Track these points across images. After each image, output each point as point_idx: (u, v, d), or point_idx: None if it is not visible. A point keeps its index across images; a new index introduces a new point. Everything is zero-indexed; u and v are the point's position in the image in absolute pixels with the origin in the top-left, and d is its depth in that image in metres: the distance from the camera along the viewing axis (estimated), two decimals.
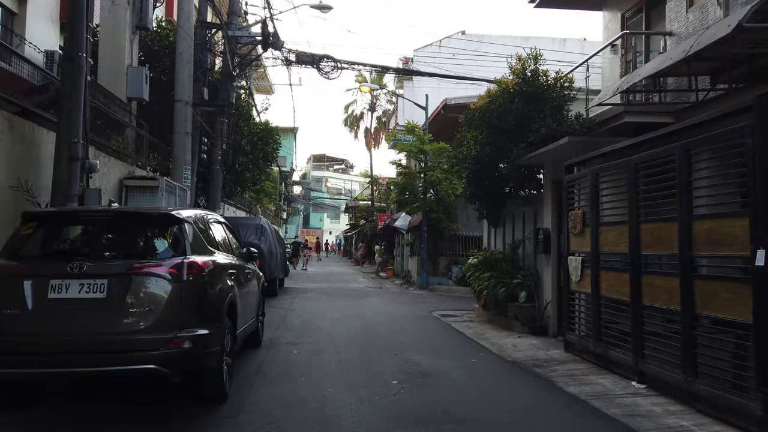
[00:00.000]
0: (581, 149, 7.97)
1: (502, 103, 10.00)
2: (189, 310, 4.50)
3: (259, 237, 14.33)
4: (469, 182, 11.23)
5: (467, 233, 19.61)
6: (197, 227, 5.19)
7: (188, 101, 12.03)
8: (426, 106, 19.06)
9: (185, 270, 4.50)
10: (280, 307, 12.81)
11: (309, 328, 9.87)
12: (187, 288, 4.50)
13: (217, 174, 12.73)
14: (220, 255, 5.61)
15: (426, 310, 13.21)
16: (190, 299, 4.53)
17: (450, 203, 18.58)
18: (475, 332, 9.88)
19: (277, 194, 40.55)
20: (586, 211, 7.32)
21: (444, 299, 16.30)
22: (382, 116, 37.99)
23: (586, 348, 7.26)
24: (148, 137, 11.88)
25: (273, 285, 14.80)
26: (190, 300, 4.53)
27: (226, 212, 20.56)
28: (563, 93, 9.92)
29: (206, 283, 4.73)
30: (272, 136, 16.01)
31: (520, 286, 9.60)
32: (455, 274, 18.90)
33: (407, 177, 19.27)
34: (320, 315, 11.67)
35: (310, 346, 8.04)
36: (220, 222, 6.41)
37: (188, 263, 4.56)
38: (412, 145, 18.40)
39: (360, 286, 20.07)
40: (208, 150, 13.27)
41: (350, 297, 15.88)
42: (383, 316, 11.95)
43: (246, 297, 6.46)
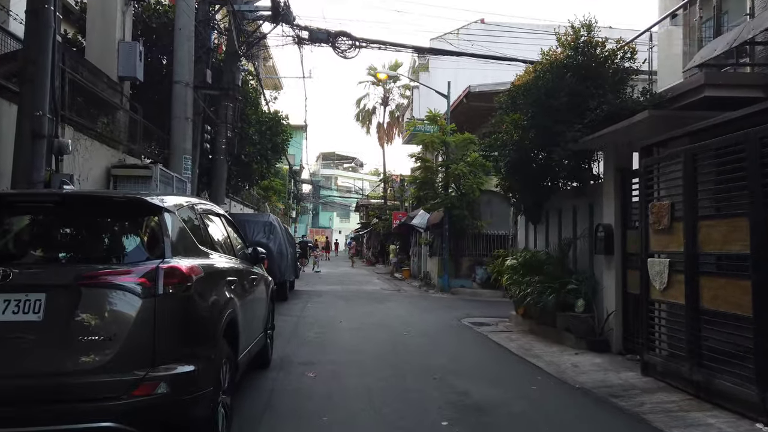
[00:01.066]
0: (662, 127, 6.50)
1: (550, 79, 8.53)
2: (167, 336, 3.11)
3: (267, 235, 12.96)
4: (508, 172, 9.76)
5: (491, 231, 18.16)
6: (184, 220, 3.80)
7: (188, 82, 10.68)
8: (448, 94, 17.61)
9: (162, 279, 3.12)
10: (291, 314, 11.42)
11: (326, 341, 8.47)
12: (165, 304, 3.12)
13: (221, 165, 11.37)
14: (216, 257, 4.22)
15: (455, 318, 11.78)
16: (170, 321, 3.14)
17: (474, 199, 17.11)
18: (519, 346, 8.44)
19: (287, 192, 39.26)
20: (677, 201, 5.85)
21: (470, 304, 14.85)
22: (395, 111, 36.52)
23: (676, 373, 5.80)
24: (143, 123, 10.53)
25: (283, 289, 13.43)
26: (170, 322, 3.14)
27: (233, 209, 19.22)
28: (623, 65, 8.45)
29: (194, 296, 3.33)
30: (282, 126, 14.64)
31: (576, 293, 8.13)
32: (479, 276, 17.45)
33: (427, 171, 17.82)
34: (337, 324, 10.26)
35: (330, 367, 6.63)
36: (218, 215, 5.01)
37: (167, 269, 3.17)
38: (434, 135, 16.93)
39: (376, 289, 18.66)
40: (211, 139, 11.92)
41: (368, 301, 14.47)
42: (409, 325, 10.52)
43: (251, 309, 5.07)
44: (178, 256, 3.41)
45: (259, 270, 5.96)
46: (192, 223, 3.98)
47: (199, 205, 4.36)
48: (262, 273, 6.10)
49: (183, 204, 3.96)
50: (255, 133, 13.56)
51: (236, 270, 4.63)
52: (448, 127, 16.97)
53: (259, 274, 5.89)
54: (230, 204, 19.33)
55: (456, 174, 16.55)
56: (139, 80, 10.10)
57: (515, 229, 18.50)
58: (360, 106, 38.26)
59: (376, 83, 37.25)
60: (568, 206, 9.36)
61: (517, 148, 9.21)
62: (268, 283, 6.42)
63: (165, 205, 3.57)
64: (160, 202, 3.55)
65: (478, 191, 16.80)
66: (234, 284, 4.29)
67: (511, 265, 10.29)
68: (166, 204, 3.59)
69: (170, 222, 3.51)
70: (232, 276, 4.32)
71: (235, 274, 4.46)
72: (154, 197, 3.63)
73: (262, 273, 6.16)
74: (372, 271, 30.37)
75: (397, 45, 12.33)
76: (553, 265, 9.14)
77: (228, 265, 4.42)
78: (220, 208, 5.21)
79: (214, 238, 4.52)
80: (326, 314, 11.58)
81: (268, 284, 6.40)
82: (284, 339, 8.25)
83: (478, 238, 18.16)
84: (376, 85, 37.44)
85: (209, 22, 11.89)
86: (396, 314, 12.10)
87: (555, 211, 9.90)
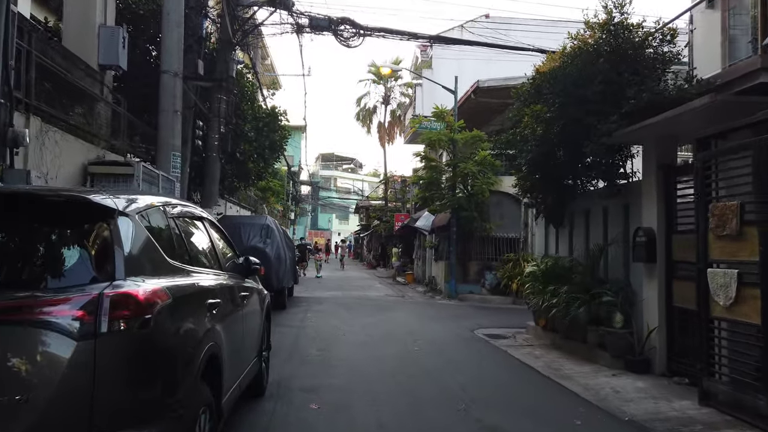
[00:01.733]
0: (719, 116, 5.60)
1: (580, 66, 7.63)
2: (114, 393, 2.20)
3: (264, 239, 12.03)
4: (529, 170, 8.84)
5: (501, 234, 17.24)
6: (151, 226, 2.88)
7: (177, 72, 9.73)
8: (455, 89, 16.69)
9: (107, 311, 2.20)
10: (289, 324, 10.48)
11: (329, 359, 7.53)
12: (111, 347, 2.21)
13: (213, 163, 10.44)
14: (196, 273, 3.29)
15: (466, 328, 10.86)
16: (118, 371, 2.23)
17: (483, 200, 16.18)
18: (546, 365, 7.51)
19: (285, 194, 38.32)
20: (746, 201, 4.94)
21: (480, 312, 13.93)
22: (396, 110, 35.58)
23: (745, 404, 4.89)
24: (128, 117, 9.60)
25: (281, 296, 12.49)
26: (118, 372, 2.23)
27: (228, 211, 18.28)
28: (663, 49, 7.55)
29: (156, 332, 2.41)
30: (279, 123, 13.71)
31: (610, 306, 7.21)
32: (489, 281, 16.55)
33: (432, 170, 16.89)
34: (340, 337, 9.33)
35: (335, 395, 5.70)
36: (201, 218, 4.08)
37: (115, 297, 2.25)
38: (441, 133, 15.99)
39: (379, 295, 17.72)
40: (203, 135, 10.99)
41: (372, 309, 13.54)
42: (419, 337, 9.59)
43: (241, 334, 4.16)
44: (139, 275, 2.50)
45: (252, 283, 5.04)
46: (162, 230, 3.06)
47: (174, 206, 3.42)
48: (255, 286, 5.18)
49: (149, 205, 3.03)
50: (251, 130, 12.64)
51: (222, 288, 3.71)
52: (455, 123, 16.04)
53: (252, 287, 4.98)
54: (225, 205, 18.39)
55: (464, 173, 15.63)
56: (122, 69, 9.16)
57: (526, 231, 17.64)
58: (360, 104, 37.34)
59: (377, 81, 36.31)
60: (598, 208, 8.44)
61: (540, 143, 8.29)
62: (263, 297, 5.50)
63: (120, 206, 2.64)
64: (113, 203, 2.62)
65: (487, 192, 15.88)
66: (218, 307, 3.37)
67: (532, 272, 9.38)
68: (122, 205, 2.66)
69: (127, 229, 2.59)
70: (216, 297, 3.40)
71: (219, 294, 3.54)
72: (107, 196, 2.70)
73: (256, 286, 5.24)
74: (373, 274, 29.43)
75: (402, 33, 11.42)
76: (582, 273, 8.22)
77: (211, 283, 3.50)
78: (204, 211, 4.28)
79: (194, 249, 3.61)
80: (328, 325, 10.65)
81: (263, 298, 5.48)
82: (282, 357, 7.32)
83: (487, 241, 17.24)
84: (377, 84, 36.50)
85: (201, 9, 10.97)
86: (403, 324, 11.17)
87: (581, 213, 8.99)
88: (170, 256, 2.97)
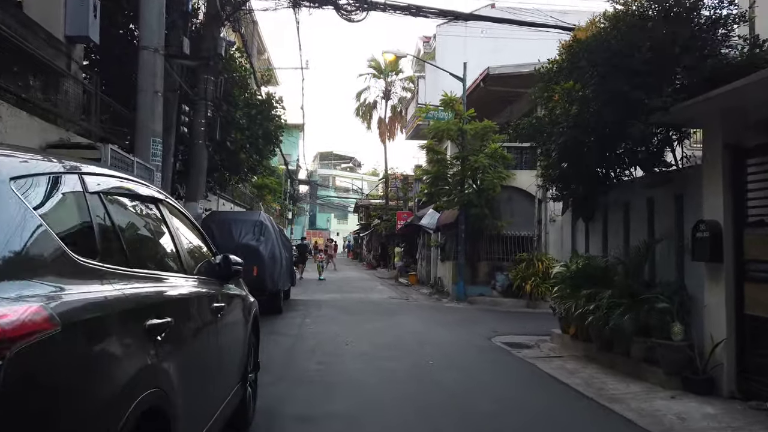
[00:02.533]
0: None
1: (624, 30, 6.52)
2: None
3: (257, 237, 10.90)
4: (561, 157, 7.71)
5: (512, 232, 16.12)
6: (42, 202, 1.74)
7: (158, 48, 8.59)
8: (464, 77, 15.56)
9: None
10: (285, 332, 9.35)
11: (329, 376, 6.40)
12: None
13: (199, 151, 9.31)
14: (135, 280, 2.15)
15: (482, 336, 9.75)
16: None
17: (494, 196, 15.06)
18: (585, 382, 6.40)
19: (282, 192, 37.17)
20: None
21: (494, 317, 12.82)
22: (397, 105, 34.42)
23: None
24: (100, 97, 8.47)
25: (276, 300, 11.37)
26: None
27: (221, 208, 17.14)
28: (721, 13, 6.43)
29: (17, 393, 1.27)
30: (274, 110, 12.58)
31: (666, 314, 6.07)
32: (500, 282, 15.42)
33: (439, 164, 15.75)
34: (342, 348, 8.20)
35: (338, 427, 4.58)
36: (155, 200, 2.93)
37: None
38: (449, 123, 14.83)
39: (382, 297, 16.58)
40: (190, 122, 9.86)
41: (375, 314, 12.41)
42: (431, 347, 8.47)
43: (213, 360, 3.04)
44: (8, 279, 1.37)
45: (233, 289, 3.92)
46: (67, 210, 1.92)
47: (100, 177, 2.27)
48: (238, 293, 4.06)
49: (44, 171, 1.90)
50: (243, 117, 11.51)
51: (179, 301, 2.59)
52: (465, 113, 14.89)
53: (234, 295, 3.85)
54: (218, 202, 17.26)
55: (474, 167, 14.48)
56: (92, 41, 8.05)
57: (539, 229, 16.51)
58: (360, 99, 36.20)
59: (378, 76, 35.17)
60: (640, 199, 7.32)
61: (574, 124, 7.17)
62: (249, 306, 4.37)
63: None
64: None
65: (498, 187, 14.76)
66: (168, 330, 2.23)
67: (560, 273, 8.27)
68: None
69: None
70: (165, 315, 2.26)
71: (173, 310, 2.41)
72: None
73: (239, 293, 4.11)
74: (373, 275, 28.28)
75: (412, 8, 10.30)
76: (623, 275, 7.10)
77: (160, 294, 2.37)
78: (161, 192, 3.13)
79: (136, 243, 2.48)
80: (328, 332, 9.51)
81: (249, 308, 4.35)
82: (275, 373, 6.19)
83: (497, 239, 16.11)
84: (378, 78, 35.37)
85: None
86: (411, 331, 10.04)
87: (618, 206, 7.87)
88: (83, 252, 1.84)
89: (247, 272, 10.59)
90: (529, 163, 16.41)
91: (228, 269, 3.66)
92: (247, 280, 10.41)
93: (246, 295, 4.31)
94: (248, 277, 10.84)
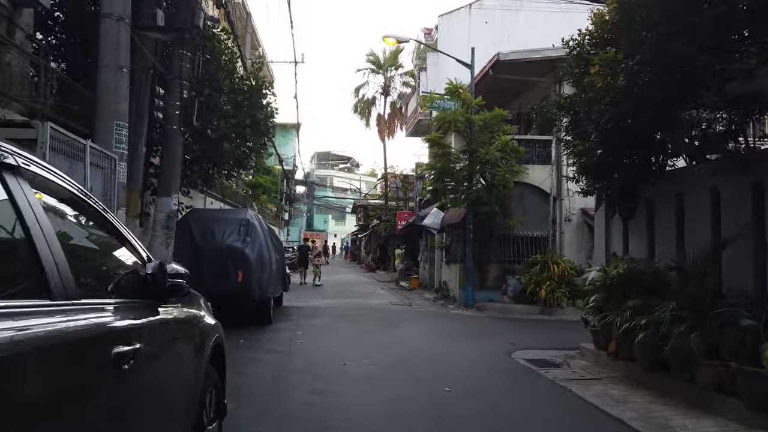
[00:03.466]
0: None
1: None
2: None
3: (243, 237, 9.60)
4: (602, 139, 6.43)
5: (524, 233, 14.86)
6: None
7: (122, 16, 7.35)
8: (471, 63, 14.27)
9: None
10: (272, 348, 8.05)
11: (326, 412, 5.09)
12: None
13: (173, 138, 8.01)
14: None
15: (500, 350, 8.49)
16: None
17: (506, 193, 13.79)
18: (642, 417, 5.12)
19: (278, 192, 35.86)
20: None
21: (507, 326, 11.56)
22: (397, 101, 33.12)
23: None
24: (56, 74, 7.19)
25: (264, 309, 10.08)
26: None
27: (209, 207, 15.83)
28: None
29: None
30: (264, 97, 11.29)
31: (752, 334, 4.80)
32: (512, 287, 14.16)
33: (445, 159, 14.46)
34: (340, 369, 6.90)
35: None
36: (12, 169, 1.64)
37: None
38: (456, 113, 13.53)
39: (383, 303, 15.28)
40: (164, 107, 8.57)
41: (377, 323, 11.12)
42: (444, 367, 7.19)
43: None
44: None
45: (175, 313, 2.64)
46: None
47: None
48: (183, 317, 2.78)
49: None
50: (228, 104, 10.23)
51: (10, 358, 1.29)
52: (473, 101, 13.60)
53: (173, 322, 2.57)
54: (205, 200, 15.96)
55: (484, 161, 13.19)
56: (42, 5, 6.75)
57: (554, 229, 15.28)
58: (358, 95, 34.85)
59: (376, 71, 33.85)
60: (700, 189, 6.06)
61: (620, 100, 5.91)
62: (205, 334, 3.08)
63: None
64: None
65: (511, 182, 13.49)
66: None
67: (597, 279, 6.99)
68: None
69: None
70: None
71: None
72: None
73: (186, 316, 2.84)
74: (372, 278, 26.97)
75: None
76: (681, 282, 5.83)
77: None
78: (16, 152, 1.81)
79: None
80: (323, 349, 8.22)
81: (205, 338, 3.06)
82: (254, 409, 4.91)
83: (508, 240, 14.83)
84: (376, 74, 34.05)
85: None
86: (419, 346, 8.75)
87: (667, 198, 6.61)
88: None
89: (231, 278, 9.36)
90: (542, 157, 15.18)
91: (163, 284, 2.38)
92: (232, 287, 9.13)
93: (199, 319, 3.04)
94: (233, 283, 9.62)
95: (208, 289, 9.38)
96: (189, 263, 9.31)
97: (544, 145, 15.07)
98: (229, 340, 7.98)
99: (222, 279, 9.10)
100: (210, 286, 9.30)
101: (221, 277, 9.11)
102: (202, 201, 15.27)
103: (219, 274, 9.12)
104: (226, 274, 9.15)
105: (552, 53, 14.64)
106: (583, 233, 14.89)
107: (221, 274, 9.13)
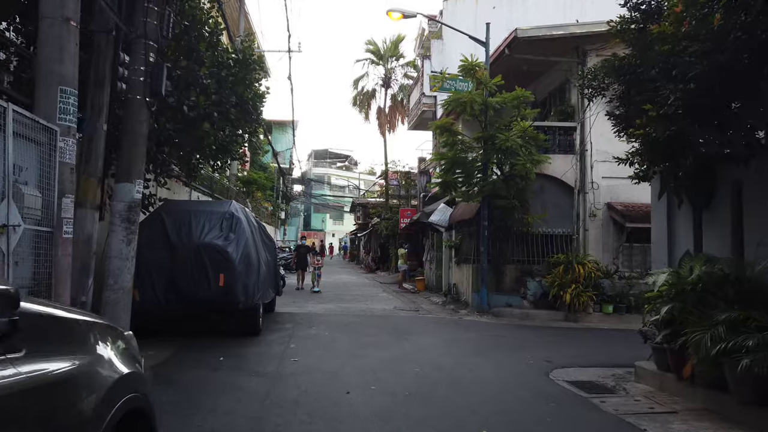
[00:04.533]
0: None
1: None
2: None
3: (226, 234, 8.11)
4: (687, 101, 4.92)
5: (544, 230, 13.39)
6: None
7: None
8: (486, 40, 12.79)
9: None
10: (259, 370, 6.53)
11: None
12: None
13: (136, 110, 6.50)
14: None
15: (535, 369, 7.04)
16: None
17: (526, 185, 12.32)
18: None
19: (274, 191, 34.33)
20: None
21: (534, 335, 10.10)
22: (398, 93, 31.58)
23: None
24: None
25: (251, 318, 8.59)
26: None
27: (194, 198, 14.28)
28: None
29: None
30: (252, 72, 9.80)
31: None
32: (532, 290, 12.68)
33: (457, 147, 12.95)
34: (342, 400, 5.39)
35: None
36: None
37: None
38: (472, 93, 11.97)
39: (387, 308, 13.77)
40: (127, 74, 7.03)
41: (383, 334, 9.61)
42: (472, 395, 5.70)
43: None
44: None
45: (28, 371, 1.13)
46: None
47: None
48: (48, 377, 1.28)
49: None
50: (209, 78, 8.74)
51: None
52: (490, 81, 12.08)
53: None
54: (190, 194, 14.42)
55: (503, 149, 11.68)
56: None
57: (578, 226, 13.82)
58: (358, 87, 33.24)
59: (377, 62, 32.29)
60: None
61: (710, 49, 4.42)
62: (109, 401, 1.57)
63: None
64: None
65: (533, 172, 12.01)
66: None
67: (668, 284, 5.51)
68: None
69: None
70: None
71: None
72: None
73: (56, 370, 1.33)
74: (373, 280, 25.44)
75: None
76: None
77: None
78: None
79: None
80: (321, 369, 6.70)
81: (97, 411, 1.55)
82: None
83: (526, 238, 13.34)
84: (377, 65, 32.47)
85: None
86: (436, 364, 7.25)
87: (760, 183, 5.13)
88: None
89: (210, 282, 7.83)
90: (564, 146, 13.70)
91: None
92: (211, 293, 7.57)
93: (94, 374, 1.55)
94: (213, 288, 8.12)
95: (183, 295, 8.04)
96: (161, 265, 7.89)
97: (566, 132, 13.59)
98: (205, 358, 6.30)
99: (200, 283, 7.62)
100: (186, 291, 7.84)
101: (199, 281, 7.63)
102: (186, 195, 13.74)
103: (196, 278, 7.64)
104: (204, 277, 7.66)
105: (576, 29, 13.25)
106: (609, 231, 13.45)
107: (199, 277, 7.65)
